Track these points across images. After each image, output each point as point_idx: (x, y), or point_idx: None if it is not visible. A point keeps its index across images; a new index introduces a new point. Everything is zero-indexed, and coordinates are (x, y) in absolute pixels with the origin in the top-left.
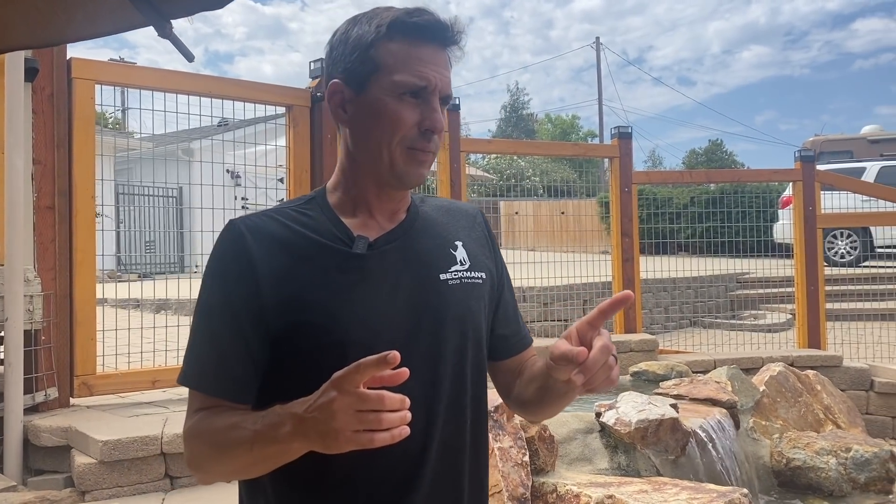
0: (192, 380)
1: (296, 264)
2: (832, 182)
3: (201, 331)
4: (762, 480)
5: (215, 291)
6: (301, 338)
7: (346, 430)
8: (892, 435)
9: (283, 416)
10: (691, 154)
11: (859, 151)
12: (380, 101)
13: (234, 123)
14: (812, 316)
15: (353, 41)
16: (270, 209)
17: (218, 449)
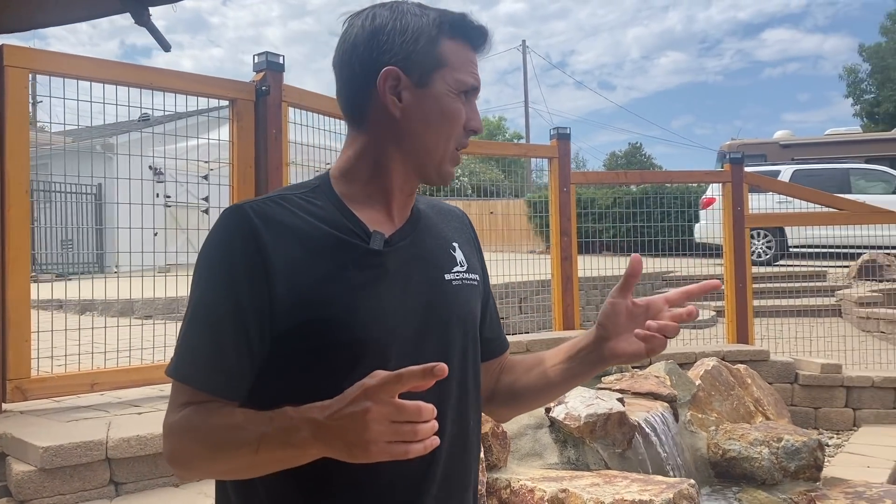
0: (185, 373)
1: (311, 257)
2: (759, 184)
3: (199, 321)
4: (700, 471)
5: (219, 281)
6: (314, 335)
7: (380, 441)
8: (815, 425)
9: (297, 420)
10: (612, 157)
11: (772, 155)
12: (446, 96)
13: (157, 118)
14: (740, 312)
15: (414, 32)
16: (274, 195)
17: (215, 448)
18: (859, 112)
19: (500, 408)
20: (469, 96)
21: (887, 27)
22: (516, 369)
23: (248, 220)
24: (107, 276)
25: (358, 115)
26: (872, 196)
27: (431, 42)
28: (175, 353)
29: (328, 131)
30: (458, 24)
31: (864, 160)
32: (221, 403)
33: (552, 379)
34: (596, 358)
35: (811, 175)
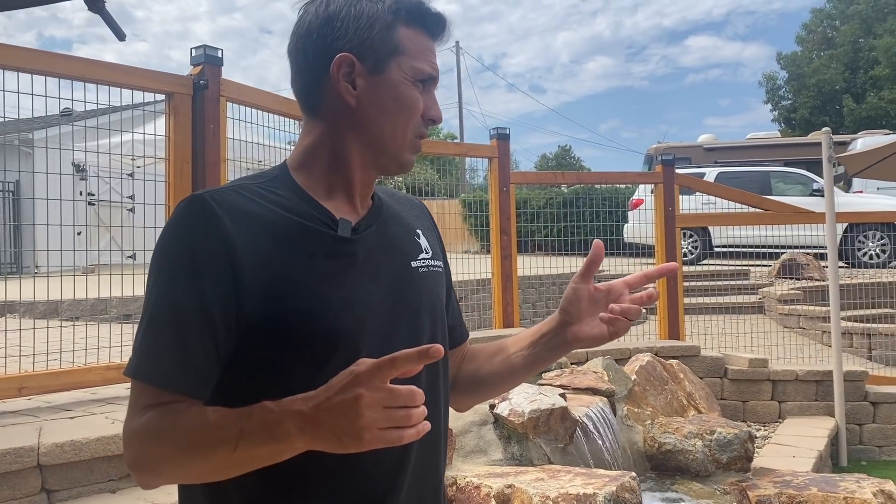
0: (148, 372)
1: (279, 247)
2: (690, 185)
3: (162, 318)
4: (637, 464)
5: (181, 275)
6: (287, 326)
7: (373, 428)
8: (743, 417)
9: (280, 414)
10: (543, 158)
11: (696, 158)
12: (402, 84)
13: (81, 113)
14: (672, 309)
15: (368, 17)
16: (232, 184)
17: (187, 450)
18: (777, 117)
19: (462, 396)
20: (427, 85)
21: (803, 37)
22: (478, 357)
23: (210, 210)
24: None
25: (312, 103)
26: (791, 198)
27: (387, 28)
28: (135, 352)
29: (267, 127)
30: (414, 11)
31: (783, 163)
32: (188, 403)
33: (516, 365)
34: (559, 342)
35: (734, 177)
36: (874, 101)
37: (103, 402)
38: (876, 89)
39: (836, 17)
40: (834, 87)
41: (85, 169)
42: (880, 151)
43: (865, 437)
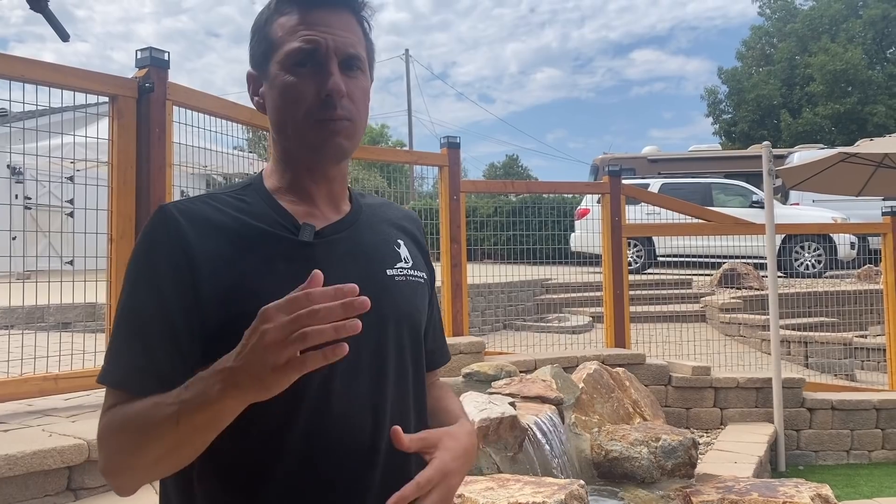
0: (114, 377)
1: (237, 252)
2: (636, 196)
3: (126, 324)
4: (584, 472)
5: (142, 281)
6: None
7: (279, 361)
8: (687, 424)
9: (209, 376)
10: (491, 167)
11: (641, 169)
12: (277, 77)
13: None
14: (618, 317)
15: (254, 29)
16: (202, 195)
17: (138, 435)
18: (718, 130)
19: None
20: (314, 61)
21: (742, 53)
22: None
23: (172, 219)
24: None
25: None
26: (731, 209)
27: (263, 29)
28: (104, 358)
29: (213, 131)
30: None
31: (724, 175)
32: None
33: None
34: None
35: (677, 188)
36: (810, 117)
37: (40, 415)
38: (811, 105)
39: (774, 34)
40: (772, 102)
41: (21, 172)
42: (816, 165)
43: (803, 443)
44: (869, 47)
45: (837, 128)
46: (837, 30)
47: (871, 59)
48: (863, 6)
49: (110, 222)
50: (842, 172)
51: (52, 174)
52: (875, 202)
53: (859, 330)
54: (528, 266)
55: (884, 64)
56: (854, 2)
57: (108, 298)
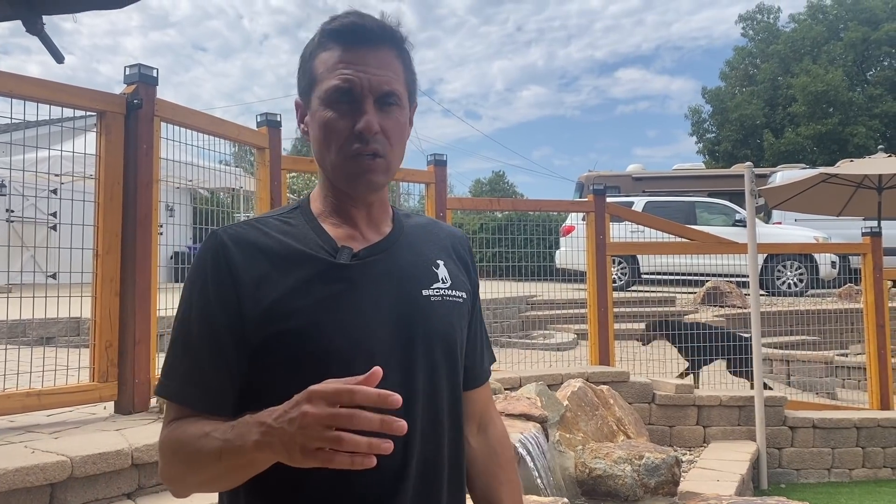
0: (169, 391)
1: (277, 273)
2: (620, 214)
3: (180, 342)
4: (568, 490)
5: (194, 302)
6: (282, 347)
7: (310, 445)
8: (670, 442)
9: (251, 424)
10: (477, 183)
11: (625, 187)
12: (317, 112)
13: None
14: (602, 335)
15: (301, 58)
16: (253, 219)
17: (188, 458)
18: (702, 149)
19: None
20: (350, 98)
21: (726, 73)
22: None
23: (221, 244)
24: None
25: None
26: (714, 227)
27: (307, 63)
28: (161, 372)
29: (199, 147)
30: (326, 31)
31: (707, 194)
32: (205, 418)
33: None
34: None
35: (661, 207)
36: (792, 137)
37: (22, 431)
38: (794, 125)
39: (757, 55)
40: (755, 122)
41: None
42: (798, 185)
43: (785, 461)
44: (850, 69)
45: (819, 148)
46: (819, 52)
47: (851, 81)
48: (843, 29)
49: (96, 237)
50: (823, 192)
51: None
52: (857, 222)
53: (840, 349)
54: (514, 283)
55: (864, 86)
56: (835, 24)
57: (93, 314)
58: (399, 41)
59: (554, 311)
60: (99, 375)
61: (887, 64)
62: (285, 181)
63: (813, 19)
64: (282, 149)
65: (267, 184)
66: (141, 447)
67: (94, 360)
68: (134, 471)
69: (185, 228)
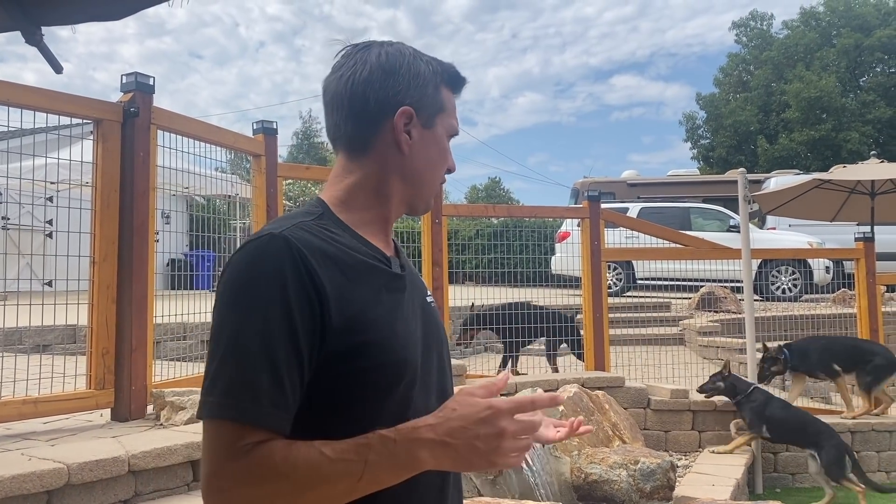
0: (240, 410)
1: (351, 283)
2: (614, 220)
3: (252, 354)
4: (564, 495)
5: (271, 310)
6: (361, 357)
7: (507, 454)
8: (665, 447)
9: (407, 443)
10: (473, 190)
11: (620, 193)
12: (443, 138)
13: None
14: (597, 341)
15: (425, 77)
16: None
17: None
18: (696, 155)
19: None
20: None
21: (720, 79)
22: None
23: (294, 247)
24: None
25: (361, 145)
26: (709, 233)
27: (436, 88)
28: (219, 391)
29: (196, 154)
30: (453, 75)
31: (702, 200)
32: (282, 441)
33: None
34: None
35: (656, 212)
36: (786, 143)
37: (19, 438)
38: (787, 131)
39: (751, 61)
40: (749, 128)
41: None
42: (792, 191)
43: (780, 465)
44: (842, 75)
45: (813, 154)
46: (812, 58)
47: (844, 87)
48: (836, 35)
49: (93, 245)
50: (817, 198)
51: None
52: (851, 227)
53: None
54: (509, 288)
55: (857, 91)
56: (828, 31)
57: (90, 321)
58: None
59: None
60: (96, 382)
61: (880, 70)
62: (281, 188)
63: (806, 26)
64: (278, 156)
65: (263, 191)
66: (138, 454)
67: (91, 367)
68: (131, 477)
69: (181, 236)
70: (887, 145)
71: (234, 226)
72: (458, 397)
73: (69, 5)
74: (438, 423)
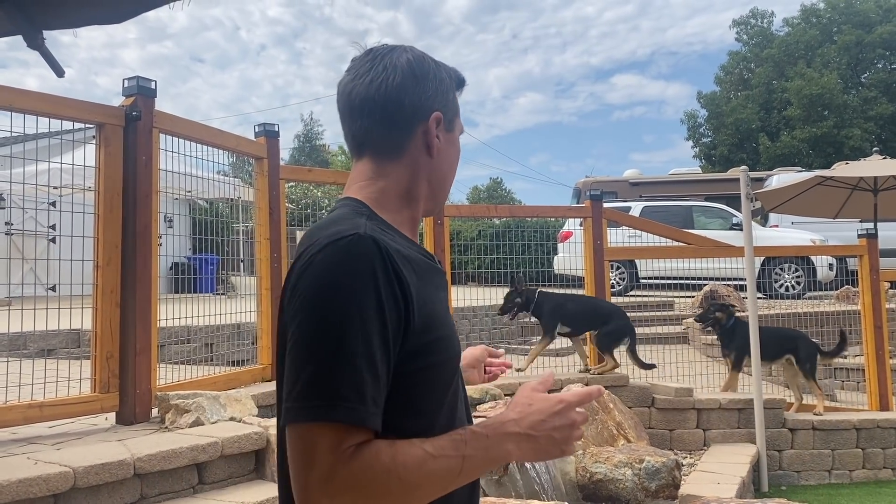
0: (348, 411)
1: (422, 282)
2: (617, 219)
3: (353, 354)
4: (569, 495)
5: (366, 310)
6: (433, 352)
7: (577, 441)
8: (670, 446)
9: (498, 438)
10: (475, 190)
11: (622, 192)
12: (458, 140)
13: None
14: None
15: (447, 83)
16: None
17: (413, 487)
18: (698, 154)
19: None
20: None
21: (721, 77)
22: None
23: (381, 248)
24: None
25: (393, 148)
26: (712, 231)
27: (452, 93)
28: (321, 393)
29: (198, 158)
30: (461, 78)
31: (704, 198)
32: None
33: None
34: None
35: (658, 211)
36: (788, 140)
37: (25, 442)
38: (789, 129)
39: (752, 59)
40: (750, 126)
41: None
42: (794, 188)
43: (785, 463)
44: (844, 72)
45: (815, 151)
46: (813, 55)
47: (846, 84)
48: (837, 32)
49: (96, 249)
50: (819, 195)
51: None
52: (854, 224)
53: None
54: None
55: (858, 88)
56: (829, 28)
57: (94, 325)
58: None
59: None
60: (100, 386)
61: (881, 66)
62: (283, 191)
63: (807, 23)
64: (280, 158)
65: (266, 193)
66: (143, 457)
67: (96, 370)
68: (136, 481)
69: (184, 239)
70: (890, 142)
71: (236, 229)
72: (526, 393)
73: (70, 9)
74: (520, 417)
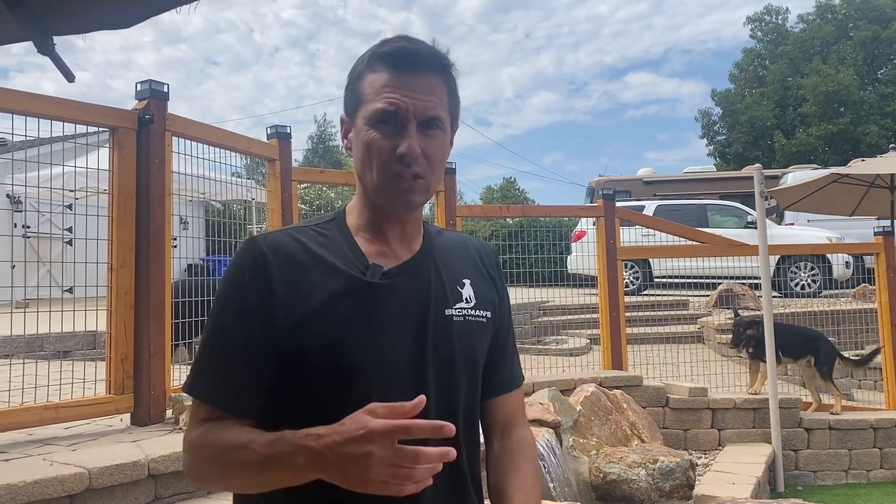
0: (200, 390)
1: (311, 287)
2: (630, 219)
3: (214, 343)
4: (582, 495)
5: (231, 306)
6: (309, 360)
7: (378, 480)
8: (685, 446)
9: (296, 446)
10: (488, 190)
11: (636, 191)
12: (362, 131)
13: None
14: (615, 340)
15: (350, 77)
16: (291, 227)
17: (224, 466)
18: (713, 152)
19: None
20: (394, 121)
21: (735, 75)
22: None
23: (259, 251)
24: None
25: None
26: (727, 230)
27: (356, 82)
28: (191, 368)
29: (211, 160)
30: (377, 54)
31: (719, 196)
32: (233, 422)
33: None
34: None
35: (672, 210)
36: (803, 137)
37: (40, 444)
38: (804, 126)
39: (766, 56)
40: (765, 124)
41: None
42: (810, 185)
43: (801, 463)
44: (860, 68)
45: (831, 148)
46: (829, 51)
47: (862, 80)
48: (853, 28)
49: (110, 252)
50: (835, 193)
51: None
52: (871, 221)
53: (856, 349)
54: (525, 289)
55: (875, 84)
56: (844, 24)
57: (109, 327)
58: (446, 68)
59: (566, 316)
60: (115, 387)
61: None
62: (296, 192)
63: (822, 19)
64: (292, 160)
65: (278, 195)
66: (157, 458)
67: (110, 372)
68: (151, 481)
69: (198, 241)
70: None
71: (250, 230)
72: (356, 413)
73: (81, 14)
74: (326, 434)
